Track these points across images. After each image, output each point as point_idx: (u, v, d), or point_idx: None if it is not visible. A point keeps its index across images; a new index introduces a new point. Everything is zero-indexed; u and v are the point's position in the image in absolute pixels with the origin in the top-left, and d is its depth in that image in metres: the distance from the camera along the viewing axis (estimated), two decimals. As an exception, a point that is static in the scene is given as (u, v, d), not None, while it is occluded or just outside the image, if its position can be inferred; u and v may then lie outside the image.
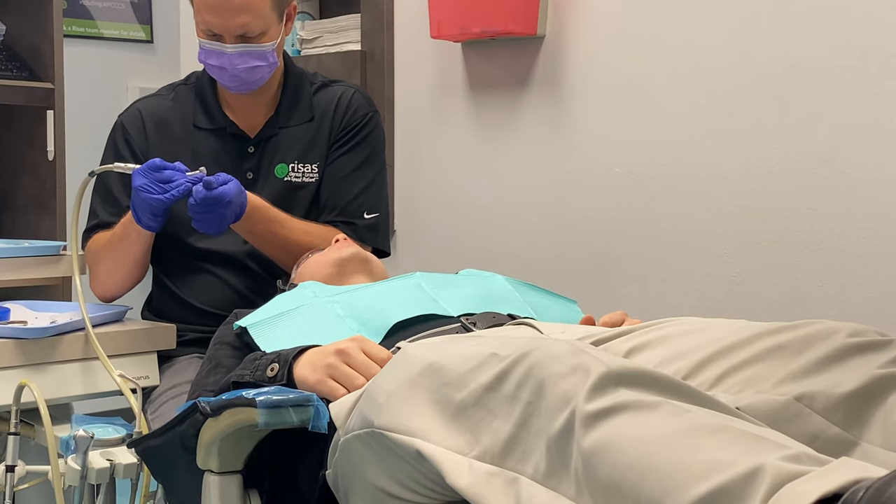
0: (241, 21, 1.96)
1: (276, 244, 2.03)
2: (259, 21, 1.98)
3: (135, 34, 4.07)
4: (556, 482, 1.04)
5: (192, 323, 2.09)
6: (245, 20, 1.96)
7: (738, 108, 2.27)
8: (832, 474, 0.89)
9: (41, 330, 1.81)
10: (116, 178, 2.09)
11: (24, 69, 3.02)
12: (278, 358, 1.46)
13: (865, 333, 1.21)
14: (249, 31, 1.98)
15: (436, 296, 1.68)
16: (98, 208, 2.11)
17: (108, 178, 2.11)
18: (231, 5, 1.95)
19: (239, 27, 1.97)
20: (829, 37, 2.14)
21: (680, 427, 0.97)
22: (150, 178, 1.85)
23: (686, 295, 2.37)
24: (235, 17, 1.96)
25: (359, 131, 2.16)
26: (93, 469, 1.55)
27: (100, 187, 2.13)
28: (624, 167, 2.47)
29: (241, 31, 1.97)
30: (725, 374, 1.24)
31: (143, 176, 1.85)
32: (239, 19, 1.96)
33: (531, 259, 2.64)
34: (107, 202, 2.10)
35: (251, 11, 1.96)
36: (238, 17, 1.96)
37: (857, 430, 1.15)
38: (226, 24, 1.96)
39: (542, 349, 1.09)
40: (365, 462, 1.23)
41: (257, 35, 1.99)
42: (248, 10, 1.96)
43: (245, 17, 1.96)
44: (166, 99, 2.17)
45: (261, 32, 1.99)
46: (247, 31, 1.98)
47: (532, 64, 2.63)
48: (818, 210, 2.16)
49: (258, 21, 1.98)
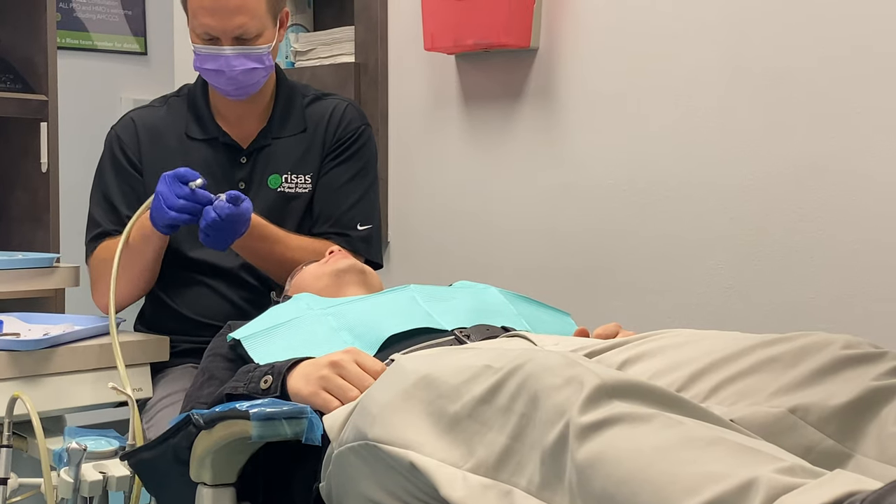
0: (239, 22, 1.98)
1: (272, 261, 2.04)
2: (255, 22, 2.00)
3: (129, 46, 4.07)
4: (550, 494, 1.04)
5: (186, 334, 2.08)
6: (242, 21, 1.99)
7: (730, 119, 2.28)
8: (826, 487, 0.89)
9: (33, 342, 1.81)
10: (116, 188, 2.10)
11: (18, 81, 3.03)
12: (272, 370, 1.46)
13: (859, 345, 1.21)
14: (246, 33, 2.00)
15: (430, 309, 1.68)
16: (99, 218, 2.11)
17: (107, 187, 2.11)
18: (228, 6, 1.97)
19: (236, 28, 1.99)
20: (819, 46, 2.14)
21: (674, 439, 0.97)
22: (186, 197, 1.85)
23: (679, 306, 2.37)
24: (233, 18, 1.98)
25: (352, 144, 2.17)
26: (86, 482, 1.54)
27: (99, 197, 2.12)
28: (617, 178, 2.47)
29: (238, 31, 1.99)
30: (719, 386, 1.23)
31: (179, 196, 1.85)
32: (236, 20, 1.98)
33: (525, 271, 2.63)
34: (108, 211, 2.10)
35: (248, 12, 1.99)
36: (235, 18, 1.98)
37: (852, 442, 1.14)
38: (223, 26, 1.98)
39: (535, 361, 1.09)
40: (359, 474, 1.23)
41: (254, 37, 2.02)
42: (244, 11, 1.99)
43: (242, 17, 1.98)
44: (159, 110, 2.18)
45: (257, 34, 2.02)
46: (244, 32, 2.00)
47: (525, 76, 2.63)
48: (811, 221, 2.16)
49: (255, 22, 2.00)
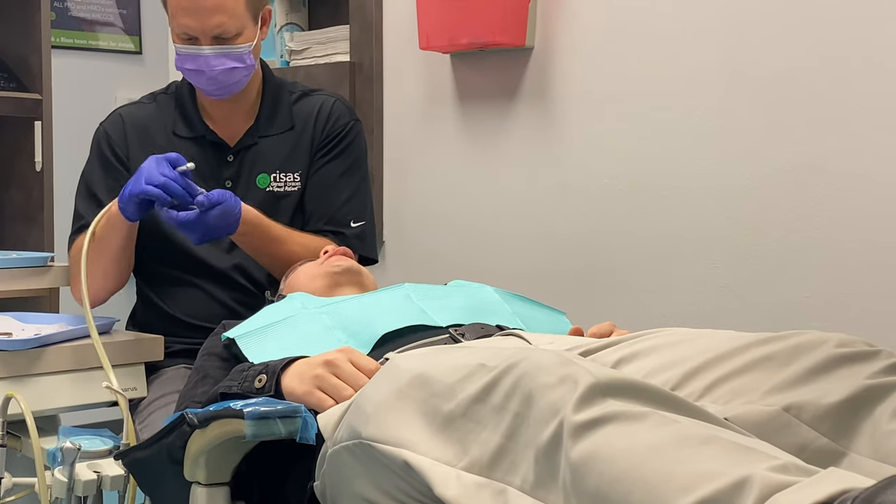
0: (217, 21, 1.98)
1: (271, 255, 2.03)
2: (234, 21, 2.00)
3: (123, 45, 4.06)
4: (544, 493, 1.03)
5: (177, 335, 2.08)
6: (220, 20, 1.98)
7: (727, 118, 2.28)
8: (820, 485, 0.89)
9: (22, 342, 1.80)
10: (101, 182, 2.09)
11: (12, 80, 3.02)
12: (266, 369, 1.46)
13: (853, 344, 1.21)
14: (225, 32, 2.00)
15: (424, 307, 1.68)
16: (83, 211, 2.10)
17: (92, 181, 2.11)
18: (206, 6, 1.97)
19: (214, 27, 1.99)
20: (816, 45, 2.14)
21: (668, 438, 0.97)
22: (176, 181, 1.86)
23: (675, 305, 2.37)
24: (211, 18, 1.98)
25: (341, 140, 2.17)
26: (80, 481, 1.54)
27: (84, 190, 2.12)
28: (612, 177, 2.47)
29: (216, 31, 1.99)
30: (714, 384, 1.23)
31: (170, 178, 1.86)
32: (214, 19, 1.98)
33: (520, 269, 2.63)
34: (92, 205, 2.09)
35: (226, 11, 1.98)
36: (213, 18, 1.98)
37: (846, 440, 1.14)
38: (202, 25, 1.98)
39: (529, 360, 1.09)
40: (353, 473, 1.23)
41: (233, 36, 2.01)
42: (222, 10, 1.98)
43: (220, 16, 1.98)
44: (148, 107, 2.18)
45: (236, 33, 2.01)
46: (222, 31, 2.00)
47: (520, 75, 2.63)
48: (807, 220, 2.17)
49: (233, 21, 2.00)
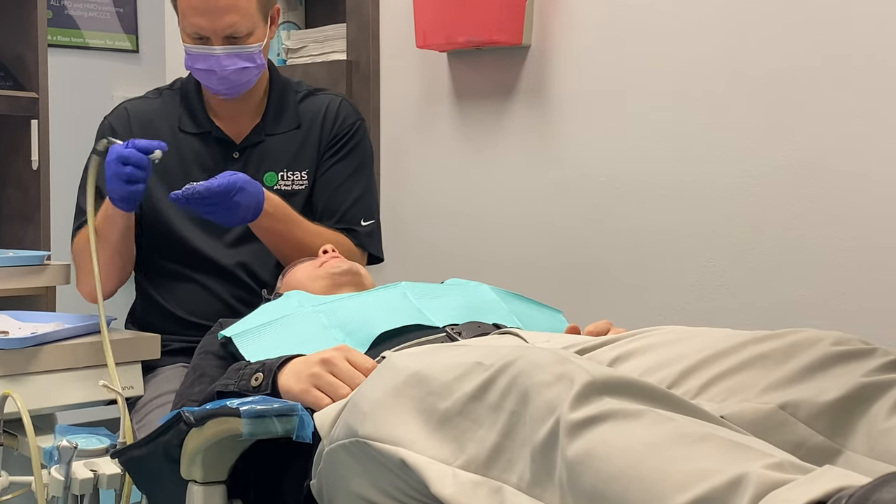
0: (229, 21, 1.97)
1: (295, 241, 2.02)
2: (246, 21, 1.99)
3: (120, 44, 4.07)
4: (540, 491, 1.03)
5: (176, 333, 2.07)
6: (233, 20, 1.98)
7: (724, 116, 2.28)
8: (816, 482, 0.89)
9: (18, 340, 1.80)
10: (103, 174, 2.08)
11: (9, 78, 3.02)
12: (263, 367, 1.46)
13: (849, 342, 1.21)
14: (237, 32, 1.99)
15: (421, 306, 1.68)
16: (85, 206, 2.09)
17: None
18: (218, 6, 1.96)
19: (227, 27, 1.98)
20: (815, 43, 2.14)
21: (664, 436, 0.97)
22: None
23: (671, 304, 2.37)
24: (223, 17, 1.97)
25: (349, 139, 2.17)
26: (76, 480, 1.54)
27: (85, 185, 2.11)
28: (609, 176, 2.47)
29: (228, 31, 1.99)
30: (710, 382, 1.23)
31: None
32: (226, 19, 1.97)
33: (517, 268, 2.63)
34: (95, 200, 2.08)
35: (238, 11, 1.98)
36: (225, 17, 1.97)
37: (841, 438, 1.15)
38: (213, 25, 1.97)
39: (526, 358, 1.09)
40: (349, 472, 1.23)
41: (244, 35, 2.01)
42: (235, 10, 1.97)
43: (232, 16, 1.97)
44: (154, 101, 2.17)
45: (248, 33, 2.01)
46: (234, 31, 1.99)
47: (517, 73, 2.63)
48: (804, 218, 2.17)
49: (245, 21, 1.99)
